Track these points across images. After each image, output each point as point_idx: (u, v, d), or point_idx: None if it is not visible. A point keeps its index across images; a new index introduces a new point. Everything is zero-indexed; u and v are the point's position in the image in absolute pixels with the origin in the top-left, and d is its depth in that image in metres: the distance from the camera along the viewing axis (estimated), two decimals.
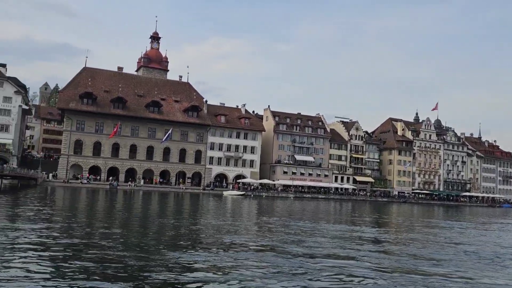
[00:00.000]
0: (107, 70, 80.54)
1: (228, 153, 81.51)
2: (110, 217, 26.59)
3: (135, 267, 11.90)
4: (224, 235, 19.75)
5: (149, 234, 19.57)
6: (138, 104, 75.38)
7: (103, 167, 71.78)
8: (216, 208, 40.60)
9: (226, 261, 13.39)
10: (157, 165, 75.38)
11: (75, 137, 70.41)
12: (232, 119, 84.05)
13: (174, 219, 27.36)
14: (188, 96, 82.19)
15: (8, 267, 11.07)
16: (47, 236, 16.65)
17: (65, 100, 70.72)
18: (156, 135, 75.16)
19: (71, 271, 11.07)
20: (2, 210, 26.63)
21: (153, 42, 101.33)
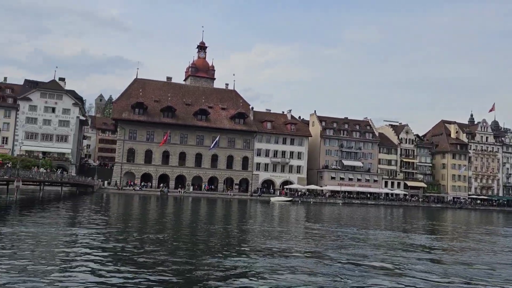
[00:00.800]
0: (157, 80, 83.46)
1: (275, 159, 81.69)
2: (161, 222, 27.50)
3: (183, 272, 12.30)
4: (272, 241, 19.87)
5: (199, 239, 20.08)
6: (187, 113, 77.42)
7: (154, 174, 74.22)
8: (264, 214, 40.81)
9: (272, 267, 13.50)
10: (205, 171, 76.89)
11: (128, 145, 73.39)
12: (278, 125, 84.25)
13: (223, 225, 27.84)
14: (234, 104, 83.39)
15: (67, 269, 11.81)
16: (102, 240, 17.55)
17: (118, 111, 74.00)
18: (204, 142, 76.77)
19: (124, 274, 11.63)
20: (63, 216, 28.31)
21: (200, 52, 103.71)
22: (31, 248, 14.76)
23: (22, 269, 11.52)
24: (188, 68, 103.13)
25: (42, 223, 21.92)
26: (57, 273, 11.30)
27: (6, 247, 14.68)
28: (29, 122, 70.60)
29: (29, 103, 70.76)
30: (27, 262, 12.37)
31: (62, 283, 10.43)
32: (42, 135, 71.17)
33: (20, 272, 11.10)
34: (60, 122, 72.33)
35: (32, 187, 50.95)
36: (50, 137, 71.59)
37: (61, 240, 17.17)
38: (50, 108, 71.91)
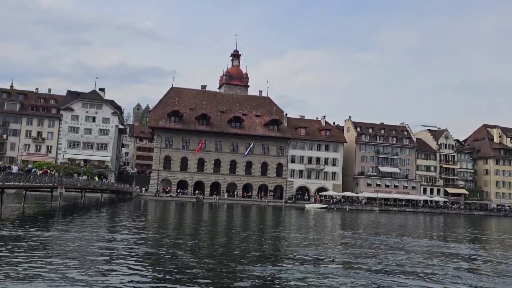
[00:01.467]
0: (192, 89, 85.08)
1: (309, 166, 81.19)
2: (197, 229, 27.91)
3: (216, 278, 12.46)
4: (306, 249, 19.77)
5: (233, 246, 20.25)
6: (221, 120, 78.38)
7: (190, 181, 75.44)
8: (299, 221, 40.61)
9: (305, 275, 13.45)
10: (240, 178, 77.41)
11: (164, 153, 75.05)
12: (312, 131, 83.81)
13: (257, 231, 27.93)
14: (268, 110, 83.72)
15: (105, 274, 12.24)
16: (140, 246, 18.03)
17: (155, 119, 75.92)
18: (238, 149, 77.39)
19: (159, 280, 11.93)
20: (103, 221, 29.28)
21: (234, 60, 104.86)
22: (72, 252, 15.37)
23: (63, 272, 12.03)
24: (222, 76, 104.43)
25: (84, 229, 22.76)
26: (95, 277, 11.72)
27: (49, 251, 15.37)
28: (72, 131, 73.58)
29: (71, 113, 73.79)
30: (68, 266, 12.90)
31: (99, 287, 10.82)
32: (83, 144, 73.95)
33: (61, 275, 11.60)
34: (100, 131, 74.94)
35: (74, 194, 52.91)
36: (91, 145, 74.28)
37: (100, 245, 17.78)
38: (91, 118, 74.69)
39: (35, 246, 16.21)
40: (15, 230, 20.21)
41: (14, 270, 11.83)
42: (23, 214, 29.93)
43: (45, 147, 73.18)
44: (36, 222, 25.61)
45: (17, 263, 12.78)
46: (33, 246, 16.07)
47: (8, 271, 11.68)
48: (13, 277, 11.14)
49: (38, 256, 14.21)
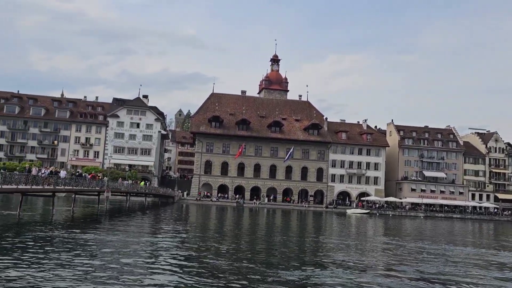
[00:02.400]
0: (232, 94, 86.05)
1: (351, 170, 79.86)
2: (237, 233, 28.12)
3: (255, 282, 12.51)
4: (347, 255, 19.47)
5: (273, 250, 20.25)
6: (261, 125, 78.71)
7: (230, 186, 76.14)
8: (340, 227, 40.03)
9: (344, 282, 13.25)
10: (280, 183, 77.29)
11: (205, 158, 76.22)
12: (353, 135, 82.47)
13: (297, 236, 27.79)
14: (308, 115, 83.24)
15: (148, 276, 12.58)
16: (182, 249, 18.41)
17: (196, 124, 77.35)
18: (278, 154, 77.36)
19: (199, 282, 12.12)
20: (147, 225, 30.12)
21: (273, 65, 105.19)
22: (116, 255, 15.92)
23: (107, 273, 12.49)
24: (261, 81, 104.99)
25: (128, 232, 23.51)
26: (138, 279, 12.08)
27: (95, 254, 15.99)
28: (117, 137, 76.28)
29: (117, 119, 76.55)
30: (112, 268, 13.37)
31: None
32: (128, 149, 76.45)
33: (105, 276, 12.04)
34: (144, 137, 77.23)
35: (120, 198, 54.74)
36: (135, 150, 76.67)
37: (144, 248, 18.30)
38: (135, 124, 77.15)
39: (82, 248, 16.92)
40: (65, 232, 21.18)
41: (62, 271, 12.41)
42: (73, 217, 31.31)
43: (92, 153, 76.27)
44: (84, 225, 26.72)
45: (65, 264, 13.39)
46: (80, 248, 16.78)
47: (57, 272, 12.26)
48: (61, 276, 11.68)
49: (84, 258, 14.83)
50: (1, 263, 12.82)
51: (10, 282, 10.77)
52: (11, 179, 23.43)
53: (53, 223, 25.89)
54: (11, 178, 23.52)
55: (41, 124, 75.33)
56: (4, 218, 26.92)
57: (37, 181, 26.12)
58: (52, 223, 26.10)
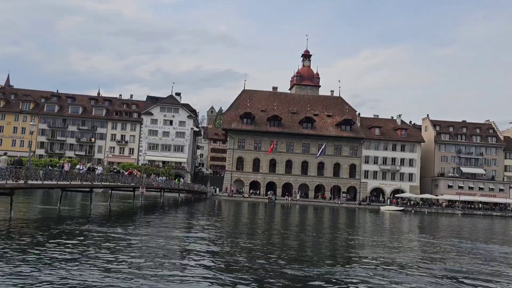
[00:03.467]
0: (263, 90, 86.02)
1: (384, 167, 78.33)
2: (269, 229, 28.16)
3: (287, 279, 12.49)
4: (381, 252, 19.14)
5: (305, 247, 20.17)
6: (292, 121, 78.36)
7: (262, 182, 76.29)
8: (373, 224, 39.39)
9: (376, 281, 13.04)
10: (312, 179, 76.78)
11: (237, 154, 76.66)
12: (387, 131, 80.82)
13: (330, 233, 27.55)
14: (340, 110, 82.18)
15: (180, 271, 12.80)
16: (214, 245, 18.62)
17: (228, 121, 77.88)
18: (310, 150, 76.83)
19: (231, 280, 12.21)
20: (180, 220, 30.63)
21: (305, 60, 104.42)
22: (151, 249, 16.28)
23: (141, 267, 12.79)
24: (293, 77, 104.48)
25: (162, 227, 23.99)
26: (170, 274, 12.31)
27: (130, 248, 16.41)
28: (151, 134, 77.91)
29: (150, 117, 78.16)
30: (146, 262, 13.69)
31: (172, 283, 11.35)
32: (162, 146, 77.96)
33: (138, 271, 12.34)
34: (177, 134, 78.51)
35: (154, 193, 55.90)
36: (168, 147, 78.07)
37: (177, 243, 18.62)
38: (168, 121, 78.54)
39: (118, 242, 17.39)
40: (102, 227, 21.85)
41: (98, 264, 12.81)
42: (109, 212, 32.25)
43: (127, 150, 78.23)
44: (120, 220, 27.49)
45: (101, 258, 13.81)
46: (116, 242, 17.25)
47: (94, 265, 12.67)
48: (97, 270, 12.06)
49: (119, 252, 15.24)
50: (42, 256, 13.37)
51: (49, 274, 11.21)
52: (52, 175, 24.36)
53: (91, 218, 26.77)
54: (52, 174, 24.45)
55: (79, 122, 77.90)
56: (45, 212, 28.05)
57: (75, 177, 27.03)
58: (90, 217, 26.98)
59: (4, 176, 20.16)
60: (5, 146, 74.56)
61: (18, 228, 19.64)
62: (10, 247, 14.52)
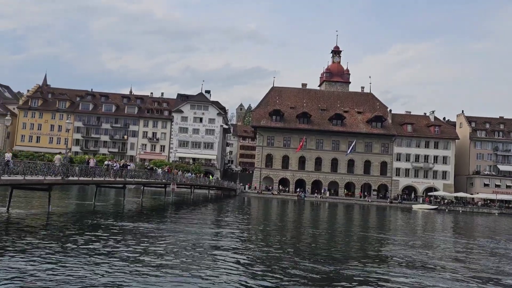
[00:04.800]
0: (292, 87, 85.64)
1: (417, 164, 76.60)
2: (298, 226, 28.10)
3: (316, 278, 12.46)
4: (413, 252, 18.79)
5: (335, 245, 20.03)
6: (322, 118, 77.71)
7: (291, 179, 76.10)
8: (405, 223, 38.65)
9: (407, 282, 12.82)
10: (341, 177, 75.98)
11: (266, 151, 76.73)
12: (419, 127, 78.95)
13: (360, 232, 27.24)
14: (371, 107, 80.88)
15: (209, 266, 12.98)
16: (243, 242, 18.76)
17: (257, 118, 78.02)
18: (340, 147, 76.04)
19: (259, 277, 12.29)
20: (210, 216, 31.01)
21: (335, 56, 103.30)
22: (181, 245, 16.56)
23: (171, 263, 13.05)
24: (322, 74, 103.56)
25: (193, 223, 24.36)
26: (200, 270, 12.50)
27: (162, 243, 16.75)
28: (181, 132, 79.05)
29: (181, 114, 79.29)
30: (176, 258, 13.94)
31: (200, 279, 11.52)
32: (192, 143, 78.98)
33: (168, 266, 12.59)
34: (207, 131, 79.35)
35: (184, 190, 56.73)
36: (198, 144, 79.03)
37: (207, 239, 18.87)
38: (198, 119, 79.46)
39: (149, 237, 17.79)
40: (135, 222, 22.40)
41: (131, 259, 13.16)
42: (142, 208, 33.00)
43: (159, 147, 79.69)
44: (152, 215, 28.09)
45: (133, 252, 14.18)
46: (148, 237, 17.66)
47: (126, 259, 13.02)
48: (129, 263, 12.39)
49: (150, 247, 15.60)
50: (77, 251, 13.86)
51: (84, 267, 11.61)
52: (87, 172, 25.16)
53: (124, 213, 27.48)
54: (87, 171, 25.25)
55: (112, 120, 79.93)
56: (81, 207, 29.00)
57: (109, 173, 27.81)
58: (123, 213, 27.70)
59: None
60: (43, 143, 77.52)
61: (56, 222, 20.42)
62: (49, 240, 15.12)
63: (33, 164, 21.21)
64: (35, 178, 20.36)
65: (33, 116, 78.63)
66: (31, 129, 78.35)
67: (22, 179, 19.53)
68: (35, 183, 20.88)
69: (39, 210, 23.94)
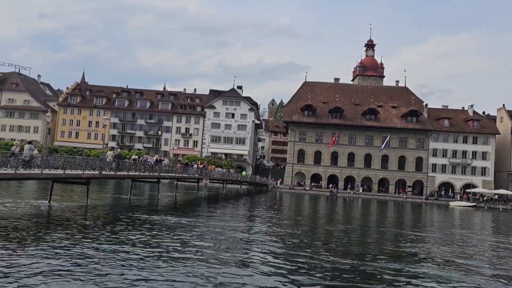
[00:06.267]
0: (324, 82, 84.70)
1: (454, 160, 74.23)
2: (331, 223, 27.87)
3: (350, 275, 12.32)
4: (448, 251, 18.27)
5: (368, 242, 19.75)
6: (355, 113, 76.53)
7: (323, 175, 75.43)
8: (442, 221, 37.61)
9: (443, 281, 12.47)
10: (375, 173, 74.68)
11: (298, 147, 76.36)
12: (457, 122, 76.40)
13: (395, 229, 26.73)
14: (406, 101, 78.93)
15: (240, 262, 13.06)
16: (276, 236, 18.78)
17: (288, 114, 77.72)
18: (373, 142, 74.70)
19: (290, 273, 12.26)
20: (242, 211, 31.21)
21: (368, 50, 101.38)
22: (212, 239, 16.77)
23: (203, 257, 13.22)
24: (355, 68, 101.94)
25: (225, 217, 24.60)
26: (233, 265, 12.60)
27: (195, 238, 17.01)
28: (214, 127, 79.86)
29: (213, 110, 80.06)
30: (208, 252, 14.12)
31: (233, 276, 11.61)
32: (224, 138, 79.67)
33: (201, 260, 12.76)
34: (239, 126, 79.79)
35: (217, 185, 57.36)
36: (230, 140, 79.61)
37: (238, 234, 19.02)
38: (230, 114, 80.00)
39: (183, 231, 18.11)
40: (169, 216, 22.85)
41: (166, 253, 13.43)
42: (175, 202, 33.61)
43: (192, 142, 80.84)
44: (185, 210, 28.56)
45: (167, 246, 14.46)
46: (182, 231, 17.97)
47: (161, 253, 13.31)
48: (163, 256, 12.65)
49: (184, 241, 15.86)
50: (113, 243, 14.28)
51: (119, 259, 11.96)
52: (123, 166, 25.85)
53: (158, 207, 28.08)
54: (123, 165, 25.94)
55: (146, 116, 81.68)
56: (117, 201, 29.84)
57: (144, 168, 28.47)
58: (158, 207, 28.31)
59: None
60: (81, 138, 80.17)
61: (94, 215, 21.12)
62: (87, 232, 15.66)
63: (72, 159, 22.01)
64: (74, 172, 21.12)
65: (72, 113, 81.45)
66: (70, 125, 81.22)
67: (62, 173, 20.28)
68: (74, 177, 21.65)
69: (77, 203, 24.82)
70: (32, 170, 18.32)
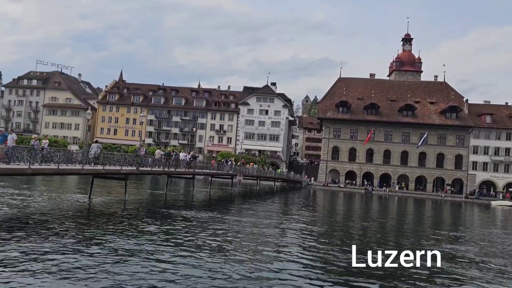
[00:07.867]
0: (360, 78, 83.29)
1: (496, 158, 71.32)
2: (365, 222, 27.47)
3: (383, 274, 12.13)
4: (490, 253, 17.64)
5: (405, 241, 19.36)
6: (391, 109, 74.88)
7: (358, 172, 74.31)
8: (483, 221, 36.29)
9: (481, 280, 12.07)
10: (412, 170, 72.86)
11: (332, 144, 75.56)
12: (500, 118, 73.31)
13: (432, 228, 26.06)
14: (445, 97, 76.45)
15: (272, 259, 13.11)
16: (309, 236, 18.73)
17: (323, 110, 76.96)
18: (410, 139, 72.86)
19: (320, 269, 12.21)
20: (276, 208, 31.28)
21: (405, 45, 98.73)
22: (245, 236, 16.91)
23: (238, 253, 13.36)
24: (392, 63, 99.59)
25: (258, 214, 24.73)
26: (267, 262, 12.67)
27: (228, 235, 17.20)
28: (248, 124, 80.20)
29: (247, 107, 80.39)
30: (240, 249, 14.25)
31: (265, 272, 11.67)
32: (257, 135, 79.89)
33: (232, 256, 12.90)
34: (272, 123, 79.77)
35: (251, 181, 57.63)
36: (264, 136, 79.74)
37: (271, 231, 19.09)
38: (264, 111, 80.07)
39: (217, 227, 18.36)
40: (204, 212, 23.21)
41: (199, 248, 13.68)
42: (210, 198, 34.09)
43: (225, 139, 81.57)
44: (220, 206, 28.93)
45: (202, 241, 14.72)
46: (215, 227, 18.23)
47: (195, 248, 13.56)
48: (197, 252, 12.89)
49: (217, 237, 16.08)
50: (150, 238, 14.68)
51: (158, 253, 12.28)
52: (159, 163, 26.47)
53: (194, 203, 28.58)
54: (159, 161, 26.57)
55: (181, 113, 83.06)
56: (154, 196, 30.59)
57: (180, 164, 29.03)
58: (193, 202, 28.81)
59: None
60: (119, 135, 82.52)
61: (132, 209, 21.76)
62: (126, 226, 16.17)
63: (111, 155, 22.75)
64: (113, 168, 21.82)
65: (110, 110, 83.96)
66: (109, 122, 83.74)
67: (101, 169, 21.00)
68: (113, 172, 22.37)
69: (116, 198, 25.62)
70: (73, 166, 19.04)
